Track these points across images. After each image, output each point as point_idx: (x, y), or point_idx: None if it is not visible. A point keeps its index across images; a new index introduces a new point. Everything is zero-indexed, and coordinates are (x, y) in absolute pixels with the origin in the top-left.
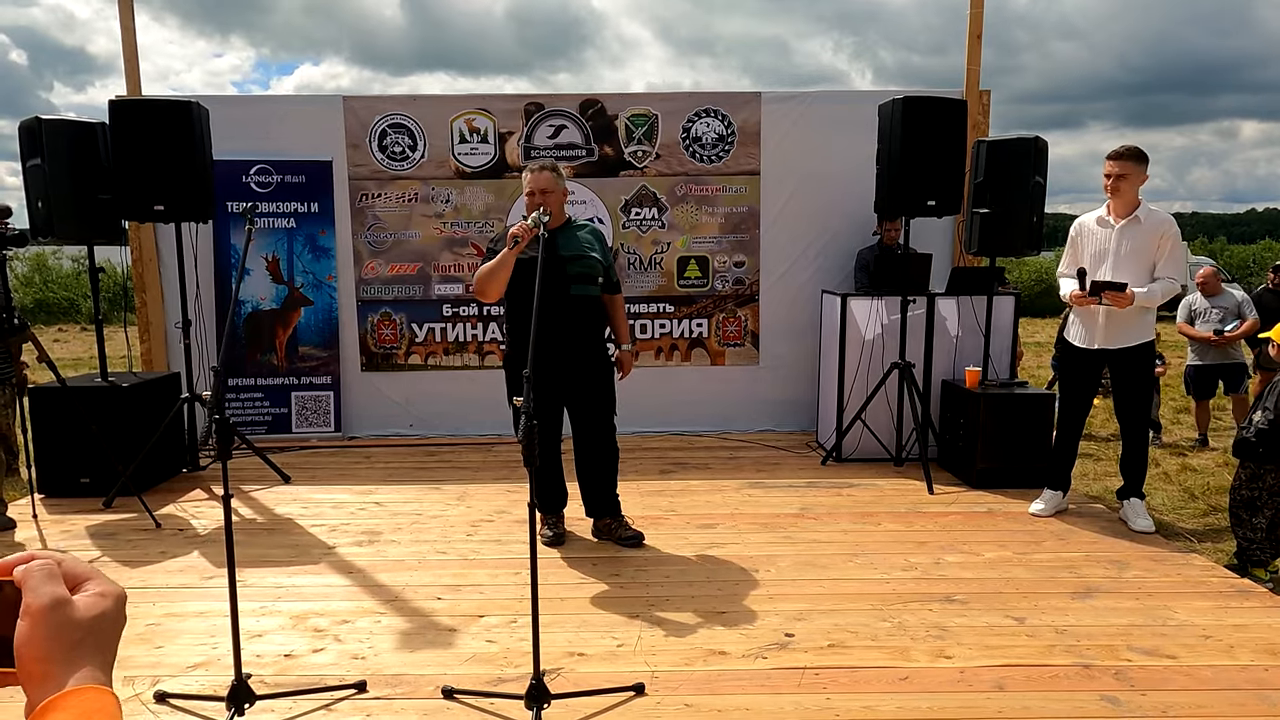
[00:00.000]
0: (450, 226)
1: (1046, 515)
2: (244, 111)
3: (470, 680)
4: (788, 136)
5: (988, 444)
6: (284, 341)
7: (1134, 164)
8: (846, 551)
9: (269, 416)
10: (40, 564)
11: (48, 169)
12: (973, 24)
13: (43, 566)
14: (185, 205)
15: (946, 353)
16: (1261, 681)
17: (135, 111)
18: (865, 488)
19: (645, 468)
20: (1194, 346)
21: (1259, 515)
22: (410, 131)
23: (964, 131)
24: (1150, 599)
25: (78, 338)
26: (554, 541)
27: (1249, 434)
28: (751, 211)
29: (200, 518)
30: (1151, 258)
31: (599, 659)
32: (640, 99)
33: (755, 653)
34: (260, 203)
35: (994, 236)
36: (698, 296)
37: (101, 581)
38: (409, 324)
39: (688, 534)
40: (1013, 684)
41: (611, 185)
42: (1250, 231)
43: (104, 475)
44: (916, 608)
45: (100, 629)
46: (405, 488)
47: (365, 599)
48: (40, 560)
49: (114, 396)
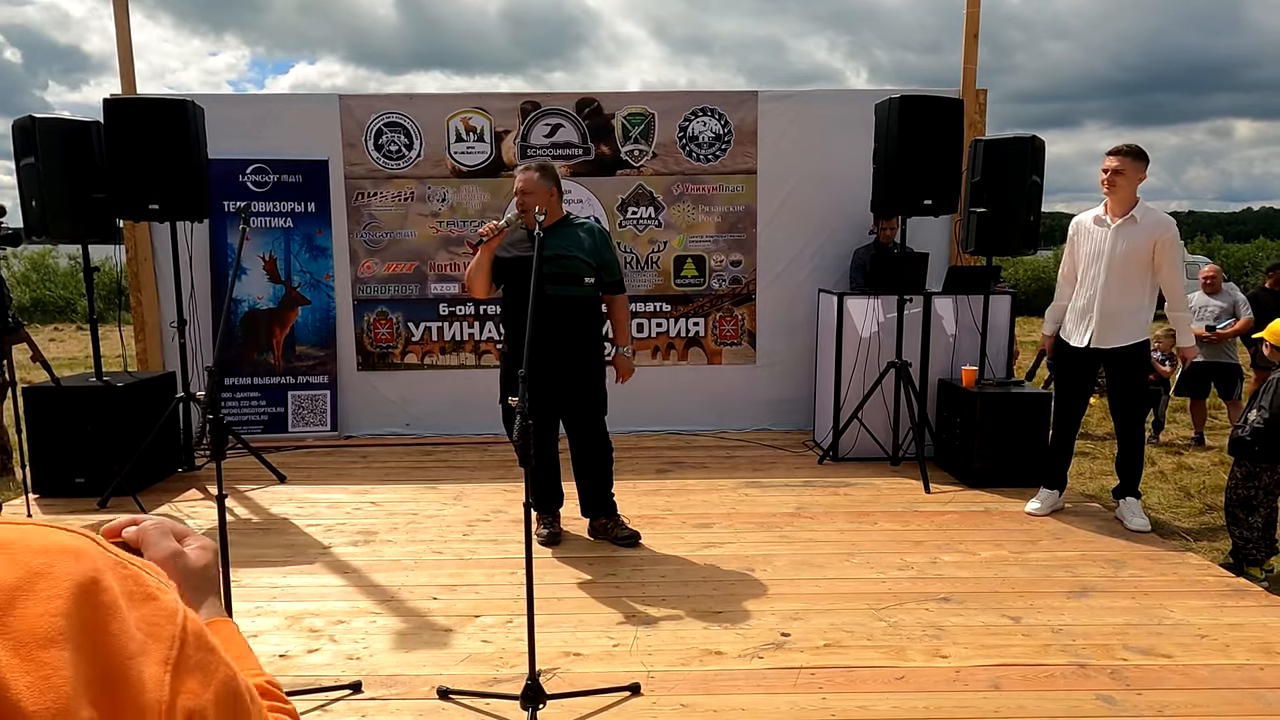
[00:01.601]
0: (446, 225)
1: (1043, 514)
2: (240, 110)
3: (466, 681)
4: (784, 135)
5: (984, 443)
6: (281, 341)
7: (1131, 161)
8: (843, 551)
9: (265, 415)
10: (154, 523)
11: (42, 168)
12: (969, 23)
13: (157, 525)
14: (180, 204)
15: (943, 352)
16: (1257, 680)
17: (130, 110)
18: (862, 487)
19: (641, 467)
20: None
21: (1255, 514)
22: (406, 130)
23: (960, 130)
24: (1146, 598)
25: (73, 337)
26: (550, 541)
27: (1244, 433)
28: (748, 210)
29: (195, 518)
30: (1148, 259)
31: (595, 659)
32: (636, 98)
33: (751, 652)
34: (257, 202)
35: (991, 235)
36: (694, 296)
37: (198, 536)
38: (405, 323)
39: (684, 533)
40: (1008, 683)
41: (608, 184)
42: (1246, 230)
43: (99, 475)
44: (913, 607)
45: (209, 575)
46: (401, 487)
47: (361, 599)
48: (151, 520)
49: (109, 396)
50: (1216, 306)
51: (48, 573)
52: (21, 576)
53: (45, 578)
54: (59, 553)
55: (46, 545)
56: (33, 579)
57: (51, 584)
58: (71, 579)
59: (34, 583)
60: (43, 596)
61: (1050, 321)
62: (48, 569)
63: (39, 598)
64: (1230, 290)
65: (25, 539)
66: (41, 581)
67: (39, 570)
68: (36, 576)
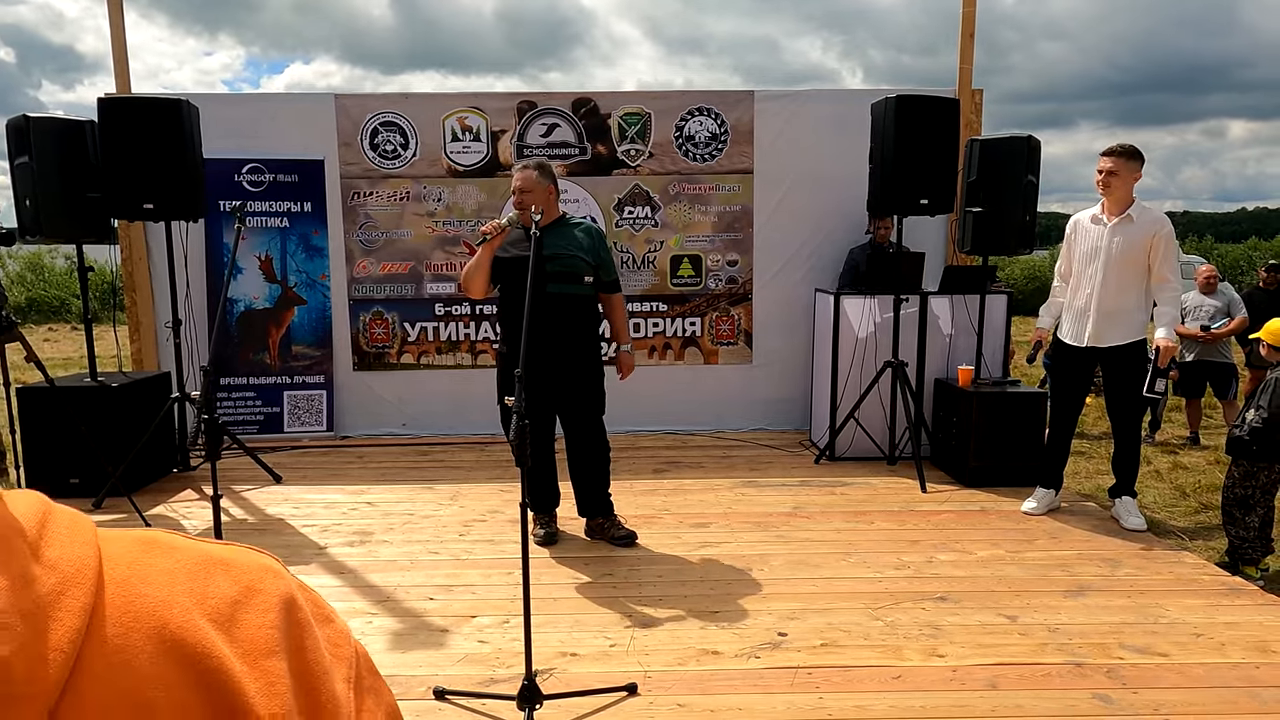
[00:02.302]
0: (442, 225)
1: (1039, 514)
2: (235, 110)
3: (462, 681)
4: (781, 135)
5: (980, 442)
6: (277, 340)
7: (1125, 161)
8: (839, 550)
9: (261, 415)
10: None
11: (36, 167)
12: (965, 23)
13: None
14: (175, 204)
15: (939, 351)
16: (1253, 679)
17: (125, 109)
18: (858, 486)
19: (638, 467)
20: (1182, 343)
21: (1252, 514)
22: (402, 130)
23: (957, 130)
24: (1142, 597)
25: (68, 337)
26: (546, 541)
27: (1242, 432)
28: (745, 210)
29: (191, 518)
30: (1144, 257)
31: (591, 659)
32: (633, 97)
33: (748, 652)
34: (253, 202)
35: (987, 235)
36: (691, 295)
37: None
38: (401, 323)
39: (681, 533)
40: (1005, 682)
41: (604, 184)
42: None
43: (94, 476)
44: (909, 606)
45: None
46: (398, 487)
47: (357, 599)
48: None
49: (104, 396)
50: (1211, 306)
51: (260, 588)
52: (240, 591)
53: (260, 593)
54: (264, 570)
55: (254, 563)
56: (249, 594)
57: (265, 599)
58: (279, 595)
59: (251, 597)
60: (259, 609)
61: (1046, 315)
62: (260, 585)
63: (256, 610)
64: (1225, 290)
65: (238, 557)
66: (257, 597)
67: (252, 585)
68: (252, 592)
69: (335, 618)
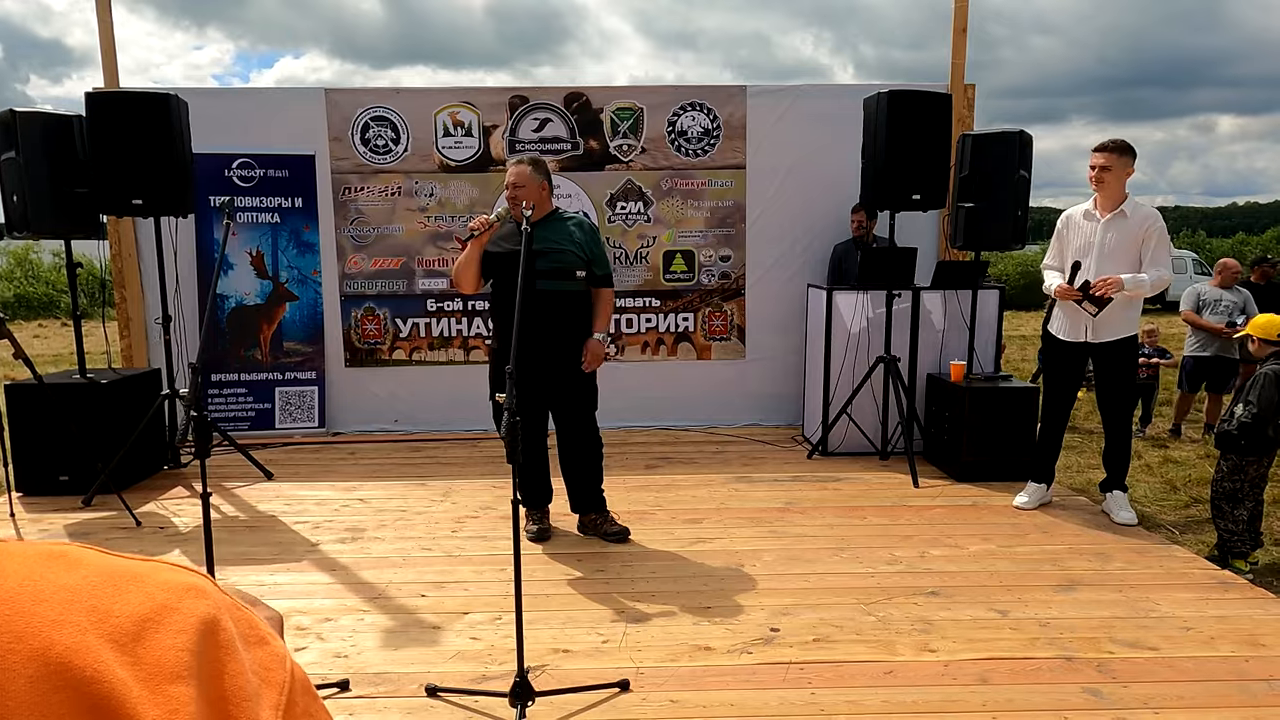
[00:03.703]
0: (434, 220)
1: (1030, 508)
2: (225, 105)
3: (454, 678)
4: (773, 130)
5: (972, 437)
6: (269, 337)
7: (1118, 156)
8: (832, 546)
9: (252, 412)
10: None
11: (23, 163)
12: (957, 17)
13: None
14: (164, 199)
15: (931, 346)
16: (1242, 672)
17: (113, 104)
18: (851, 481)
19: (631, 463)
20: (1197, 337)
21: (1240, 507)
22: (393, 124)
23: (949, 125)
24: (1133, 591)
25: (57, 334)
26: (539, 537)
27: (1231, 427)
28: (737, 205)
29: (181, 515)
30: (1136, 252)
31: (584, 655)
32: (625, 92)
33: (741, 648)
34: (243, 197)
35: (979, 230)
36: (684, 291)
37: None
38: (393, 319)
39: (674, 529)
40: (997, 677)
41: (597, 179)
42: (1231, 225)
43: (83, 473)
44: (901, 601)
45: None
46: (390, 484)
47: (348, 597)
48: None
49: (93, 393)
50: (1231, 302)
51: (176, 608)
52: (152, 609)
53: (174, 612)
54: (185, 589)
55: (174, 581)
56: (162, 612)
57: (180, 619)
58: (197, 616)
59: (164, 616)
60: (171, 630)
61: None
62: (176, 604)
63: (168, 631)
64: (1240, 285)
65: (156, 574)
66: (171, 616)
67: (167, 604)
68: (166, 611)
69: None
